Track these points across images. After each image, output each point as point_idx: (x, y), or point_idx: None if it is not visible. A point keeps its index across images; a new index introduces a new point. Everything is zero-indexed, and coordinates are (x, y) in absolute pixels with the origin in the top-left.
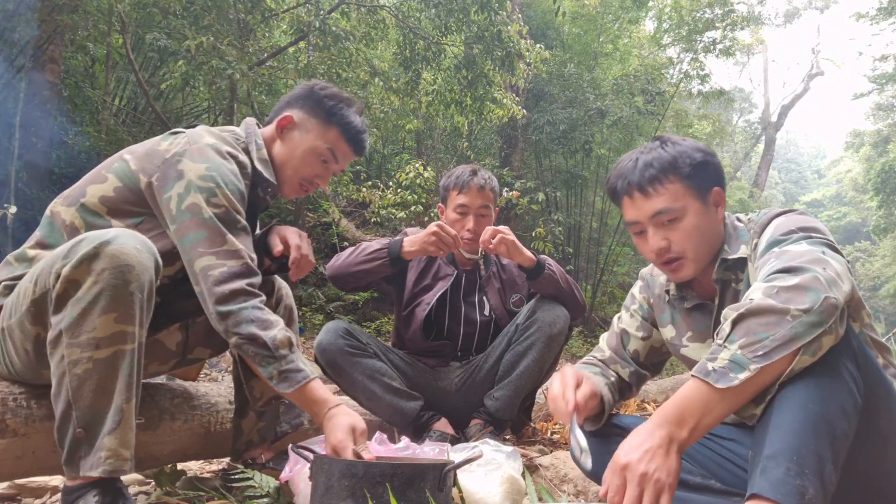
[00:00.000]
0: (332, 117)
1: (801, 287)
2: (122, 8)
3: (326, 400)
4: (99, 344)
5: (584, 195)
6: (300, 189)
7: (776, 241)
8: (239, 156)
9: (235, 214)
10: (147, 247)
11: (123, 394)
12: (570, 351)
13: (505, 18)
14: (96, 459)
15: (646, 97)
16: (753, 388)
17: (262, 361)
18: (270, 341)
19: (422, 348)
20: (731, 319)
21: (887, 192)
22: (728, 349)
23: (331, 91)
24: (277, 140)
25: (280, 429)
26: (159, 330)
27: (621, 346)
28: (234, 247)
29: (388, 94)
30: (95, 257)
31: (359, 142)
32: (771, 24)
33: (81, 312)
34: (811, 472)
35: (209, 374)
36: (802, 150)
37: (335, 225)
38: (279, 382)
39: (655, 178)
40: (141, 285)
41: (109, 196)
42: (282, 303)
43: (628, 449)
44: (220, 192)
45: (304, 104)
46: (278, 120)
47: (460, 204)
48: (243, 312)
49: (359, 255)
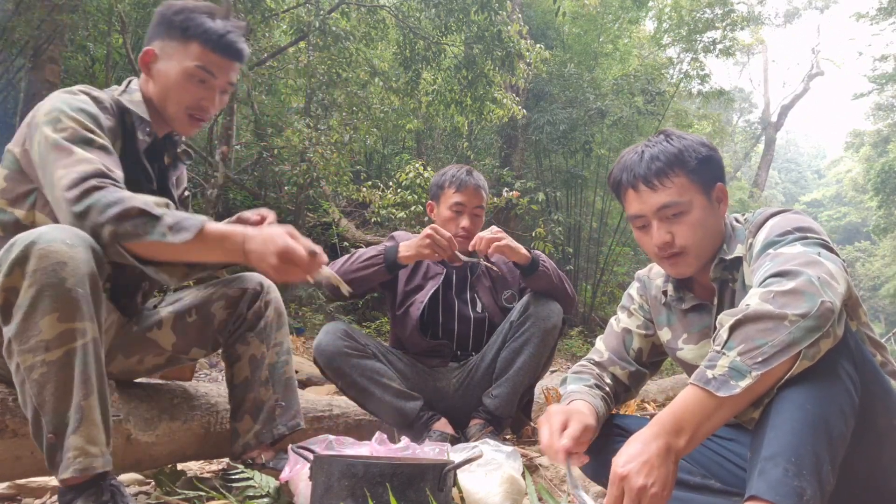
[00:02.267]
0: (187, 31)
1: (797, 292)
2: (122, 8)
3: (233, 230)
4: (48, 346)
5: (584, 195)
6: (191, 120)
7: (771, 243)
8: (92, 92)
9: (87, 133)
10: (79, 238)
11: (81, 391)
12: (570, 351)
13: (505, 18)
14: (67, 461)
15: (646, 97)
16: (753, 395)
17: (146, 229)
18: (143, 204)
19: (421, 349)
20: (729, 326)
21: (887, 192)
22: (727, 356)
23: (180, 6)
24: (149, 80)
25: (277, 431)
26: (127, 310)
27: (622, 347)
28: (83, 156)
29: (388, 94)
30: (25, 260)
31: (225, 45)
32: (771, 24)
33: (24, 318)
34: (809, 472)
35: (209, 375)
36: (802, 150)
37: (335, 225)
38: (175, 235)
39: (662, 172)
40: (79, 279)
41: (4, 187)
42: (270, 305)
43: (626, 459)
44: (64, 115)
45: (160, 31)
46: (140, 58)
47: (457, 202)
48: (101, 200)
49: (354, 262)
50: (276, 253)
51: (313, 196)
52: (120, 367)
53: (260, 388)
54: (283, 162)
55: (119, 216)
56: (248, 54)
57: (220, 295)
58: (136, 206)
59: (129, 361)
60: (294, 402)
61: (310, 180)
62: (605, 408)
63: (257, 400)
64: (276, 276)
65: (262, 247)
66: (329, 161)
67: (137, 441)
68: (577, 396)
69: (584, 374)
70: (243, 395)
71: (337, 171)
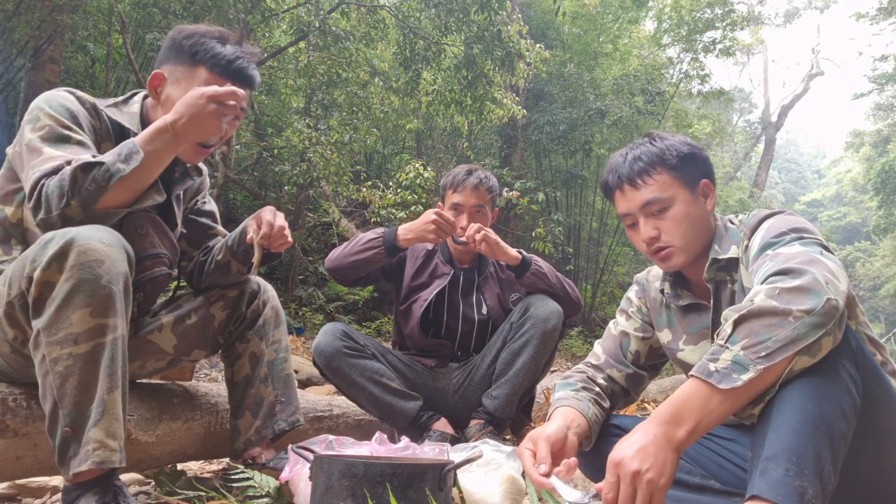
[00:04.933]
0: (195, 56)
1: (803, 289)
2: (122, 8)
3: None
4: (77, 339)
5: (584, 195)
6: (197, 149)
7: (769, 244)
8: (76, 92)
9: (63, 130)
10: (115, 238)
11: (105, 384)
12: (570, 351)
13: (505, 18)
14: (84, 453)
15: (646, 97)
16: (755, 390)
17: (106, 177)
18: (81, 161)
19: (421, 347)
20: (733, 320)
21: (887, 192)
22: (730, 350)
23: (191, 30)
24: (157, 105)
25: (277, 427)
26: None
27: (619, 350)
28: (50, 155)
29: (388, 94)
30: (64, 256)
31: (234, 71)
32: (771, 24)
33: (57, 310)
34: (810, 472)
35: (209, 375)
36: (802, 150)
37: (335, 225)
38: (129, 163)
39: (644, 171)
40: (113, 277)
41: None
42: (268, 304)
43: (623, 447)
44: (43, 113)
45: (170, 55)
46: (149, 81)
47: (455, 202)
48: (49, 185)
49: (355, 245)
50: (204, 96)
51: (313, 196)
52: None
53: (260, 384)
54: (283, 162)
55: (71, 184)
56: (258, 81)
57: (219, 296)
58: (77, 166)
59: (132, 366)
60: (293, 399)
61: (310, 180)
62: (594, 407)
63: (257, 396)
64: (211, 125)
65: (187, 106)
66: (329, 161)
67: (138, 441)
68: (561, 404)
69: (571, 379)
70: (244, 393)
71: (337, 171)
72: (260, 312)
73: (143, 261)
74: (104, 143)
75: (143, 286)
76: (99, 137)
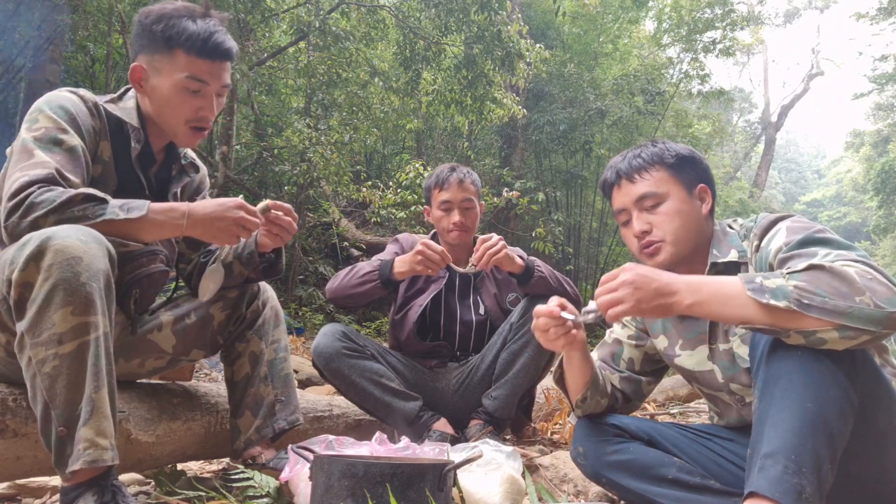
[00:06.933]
0: (170, 41)
1: (887, 287)
2: (122, 8)
3: (174, 205)
4: (62, 339)
5: (584, 195)
6: (193, 132)
7: (813, 240)
8: (79, 91)
9: (58, 133)
10: (93, 237)
11: (92, 383)
12: None
13: (505, 18)
14: (76, 453)
15: (646, 97)
16: (772, 319)
17: (95, 211)
18: (88, 191)
19: (419, 350)
20: (810, 263)
21: (887, 192)
22: (786, 281)
23: (157, 12)
24: (143, 97)
25: (277, 426)
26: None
27: (611, 357)
28: (40, 160)
29: (388, 94)
30: (41, 255)
31: (211, 49)
32: (771, 24)
33: (38, 312)
34: (808, 470)
35: (209, 375)
36: (802, 150)
37: (335, 225)
38: (127, 213)
39: (641, 166)
40: (93, 275)
41: None
42: (267, 304)
43: (639, 266)
44: (41, 115)
45: (143, 43)
46: (129, 75)
47: (443, 200)
48: (39, 196)
49: (352, 277)
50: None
51: (313, 196)
52: (121, 370)
53: (260, 384)
54: (283, 162)
55: (63, 203)
56: (236, 50)
57: (219, 297)
58: (81, 193)
59: (131, 364)
60: (293, 398)
61: (310, 180)
62: (600, 378)
63: (257, 396)
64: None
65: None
66: (329, 161)
67: (138, 441)
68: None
69: None
70: (244, 392)
71: (337, 171)
72: (259, 312)
73: (139, 257)
74: (102, 143)
75: (139, 283)
76: (98, 138)
